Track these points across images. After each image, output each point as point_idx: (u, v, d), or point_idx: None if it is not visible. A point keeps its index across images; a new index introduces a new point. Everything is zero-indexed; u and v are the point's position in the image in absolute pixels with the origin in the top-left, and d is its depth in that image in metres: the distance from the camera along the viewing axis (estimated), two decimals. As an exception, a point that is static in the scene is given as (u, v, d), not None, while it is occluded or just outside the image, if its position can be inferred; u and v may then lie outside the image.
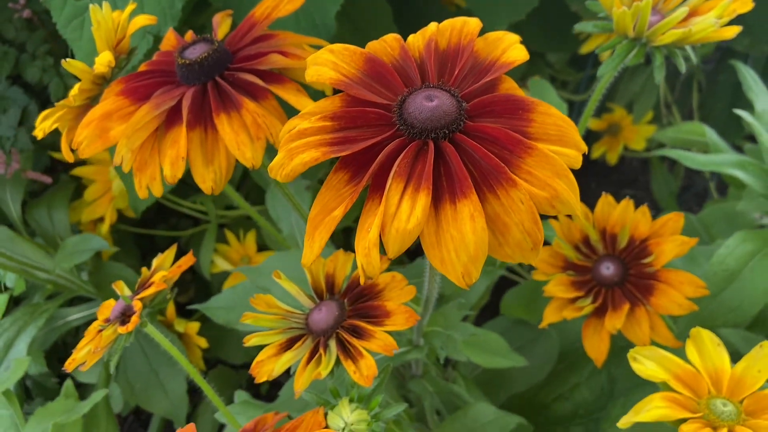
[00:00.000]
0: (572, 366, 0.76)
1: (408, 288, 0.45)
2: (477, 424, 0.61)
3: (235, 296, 0.67)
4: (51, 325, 0.90)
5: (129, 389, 0.83)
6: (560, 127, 0.30)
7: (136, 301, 0.45)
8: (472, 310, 0.71)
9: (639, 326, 0.47)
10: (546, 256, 0.52)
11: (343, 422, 0.41)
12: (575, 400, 0.74)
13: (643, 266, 0.49)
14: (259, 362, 0.44)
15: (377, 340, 0.42)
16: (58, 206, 0.86)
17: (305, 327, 0.45)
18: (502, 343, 0.57)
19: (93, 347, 0.44)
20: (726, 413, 0.39)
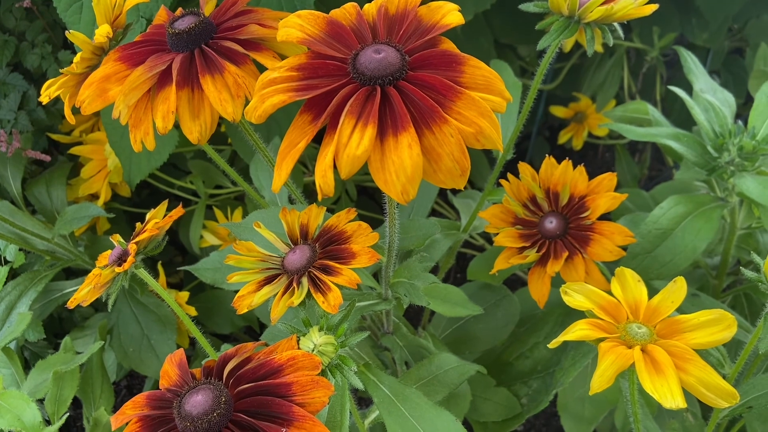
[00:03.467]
0: (532, 329, 0.82)
1: (372, 234, 0.51)
2: (440, 371, 0.68)
3: (221, 258, 0.73)
4: (48, 297, 0.96)
5: (122, 353, 0.88)
6: (487, 78, 0.37)
7: (131, 244, 0.51)
8: (438, 273, 0.77)
9: (576, 271, 0.54)
10: (497, 212, 0.59)
11: (313, 344, 0.47)
12: (534, 358, 0.80)
13: (581, 220, 0.56)
14: (240, 296, 0.50)
15: (343, 275, 0.48)
16: (56, 184, 0.92)
17: (281, 268, 0.51)
18: (462, 295, 0.64)
19: (93, 284, 0.50)
20: (640, 334, 0.45)
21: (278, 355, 0.46)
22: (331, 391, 0.45)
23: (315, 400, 0.45)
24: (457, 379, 0.67)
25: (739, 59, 1.39)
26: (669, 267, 0.61)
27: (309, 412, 0.44)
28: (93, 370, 0.84)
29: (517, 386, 0.79)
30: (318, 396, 0.45)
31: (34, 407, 0.57)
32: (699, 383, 0.42)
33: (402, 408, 0.59)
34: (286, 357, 0.46)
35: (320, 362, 0.45)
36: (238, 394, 0.44)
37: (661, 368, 0.42)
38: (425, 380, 0.67)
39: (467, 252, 1.26)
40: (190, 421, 0.41)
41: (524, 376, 0.79)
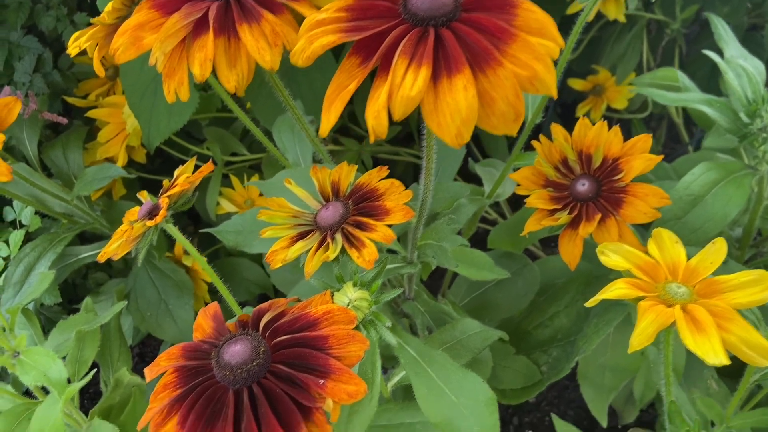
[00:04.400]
0: (552, 298, 0.82)
1: (405, 192, 0.51)
2: (464, 336, 0.67)
3: (243, 221, 0.72)
4: (63, 261, 0.95)
5: (140, 317, 0.88)
6: (542, 22, 0.36)
7: (163, 197, 0.50)
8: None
9: (608, 233, 0.53)
10: (528, 174, 0.58)
11: (348, 299, 0.47)
12: (554, 327, 0.80)
13: (614, 182, 0.55)
14: (273, 252, 0.49)
15: (378, 231, 0.48)
16: (72, 147, 0.91)
17: (314, 224, 0.51)
18: (487, 259, 0.63)
19: (125, 238, 0.50)
20: (680, 293, 0.45)
21: (313, 309, 0.46)
22: (367, 345, 0.45)
23: (351, 354, 0.45)
24: (481, 345, 0.67)
25: (757, 35, 1.37)
26: (699, 234, 0.61)
27: (344, 365, 0.44)
28: (111, 333, 0.84)
29: (537, 354, 0.79)
30: (353, 350, 0.45)
31: (60, 363, 0.56)
32: (741, 342, 0.42)
33: (428, 369, 0.59)
34: (321, 311, 0.46)
35: (355, 317, 0.45)
36: (275, 346, 0.43)
37: (702, 326, 0.42)
38: (449, 345, 0.67)
39: (480, 226, 1.25)
40: (230, 370, 0.41)
41: (543, 345, 0.79)
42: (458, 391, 0.58)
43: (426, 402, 0.58)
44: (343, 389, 0.42)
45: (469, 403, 0.58)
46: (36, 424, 0.57)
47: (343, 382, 0.43)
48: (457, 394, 0.58)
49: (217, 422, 0.41)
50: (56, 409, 0.55)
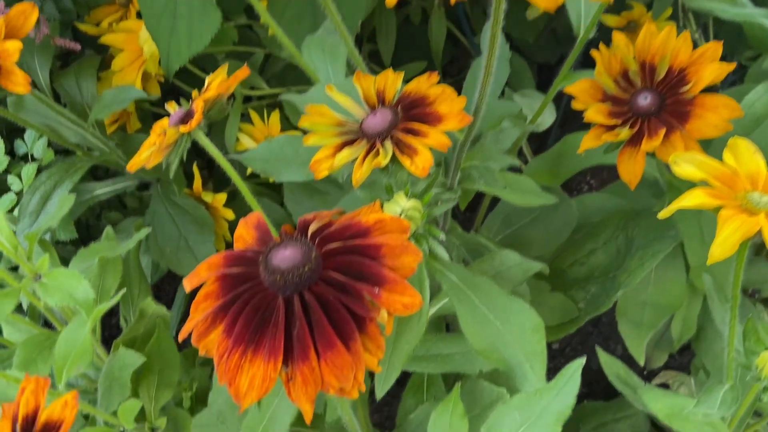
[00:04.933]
0: (588, 235, 0.79)
1: (459, 99, 0.47)
2: (504, 267, 0.64)
3: (271, 149, 0.69)
4: (78, 198, 0.92)
5: (159, 252, 0.85)
6: None
7: (198, 101, 0.47)
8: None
9: (674, 149, 0.50)
10: (586, 87, 0.54)
11: (400, 208, 0.44)
12: (591, 264, 0.77)
13: (680, 95, 0.51)
14: (317, 161, 0.46)
15: (431, 137, 0.44)
16: (86, 75, 0.86)
17: (360, 132, 0.47)
18: (533, 184, 0.60)
19: (157, 145, 0.46)
20: (763, 202, 0.42)
21: (364, 218, 0.43)
22: (420, 257, 0.42)
23: (404, 265, 0.42)
24: (521, 276, 0.64)
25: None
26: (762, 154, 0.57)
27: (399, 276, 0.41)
28: (130, 268, 0.82)
29: (573, 291, 0.76)
30: (407, 261, 0.42)
31: (86, 283, 0.54)
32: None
33: (472, 296, 0.56)
34: (373, 219, 0.42)
35: (409, 226, 0.42)
36: (325, 254, 0.40)
37: (787, 235, 0.39)
38: (488, 276, 0.64)
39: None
40: (280, 274, 0.38)
41: (580, 282, 0.77)
42: (504, 318, 0.56)
43: (470, 329, 0.55)
44: (398, 300, 0.39)
45: (515, 330, 0.55)
46: (62, 347, 0.55)
47: (398, 292, 0.40)
48: (503, 320, 0.56)
49: (267, 330, 0.38)
50: (84, 331, 0.53)
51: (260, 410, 0.47)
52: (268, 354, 0.37)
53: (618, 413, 0.88)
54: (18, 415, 0.36)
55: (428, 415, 0.62)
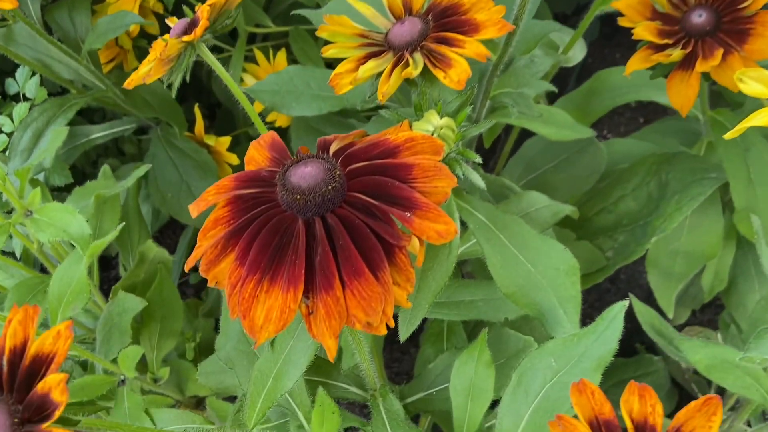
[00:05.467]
0: (617, 181, 0.74)
1: (497, 8, 0.42)
2: (531, 209, 0.60)
3: (280, 80, 0.64)
4: (73, 142, 0.87)
5: (161, 198, 0.81)
6: None
7: (203, 7, 0.41)
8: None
9: (731, 71, 0.45)
10: (634, 3, 0.49)
11: (432, 127, 0.39)
12: (619, 212, 0.73)
13: (738, 12, 0.46)
14: (338, 74, 0.41)
15: (468, 47, 0.39)
16: (79, 8, 0.80)
17: (385, 44, 0.42)
18: (568, 117, 0.55)
19: (159, 56, 0.41)
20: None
21: (392, 136, 0.38)
22: (455, 182, 0.37)
23: (437, 190, 0.37)
24: (550, 219, 0.60)
25: None
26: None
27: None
28: (130, 214, 0.77)
29: (601, 240, 0.72)
30: (441, 186, 0.37)
31: (81, 218, 0.49)
32: None
33: (501, 236, 0.52)
34: (403, 137, 0.38)
35: (443, 146, 0.37)
36: (350, 174, 0.36)
37: None
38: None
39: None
40: (300, 194, 0.33)
41: (607, 231, 0.72)
42: (535, 259, 0.51)
43: (498, 271, 0.51)
44: (432, 227, 0.35)
45: (547, 272, 0.51)
46: (56, 287, 0.51)
47: (430, 219, 0.35)
48: (534, 262, 0.51)
49: (285, 257, 0.33)
50: (80, 268, 0.49)
51: (274, 352, 0.42)
52: (286, 283, 0.33)
53: (638, 370, 0.84)
54: (4, 347, 0.31)
55: (449, 364, 0.58)
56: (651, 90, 0.64)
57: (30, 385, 0.31)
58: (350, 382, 0.55)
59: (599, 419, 0.29)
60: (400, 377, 1.01)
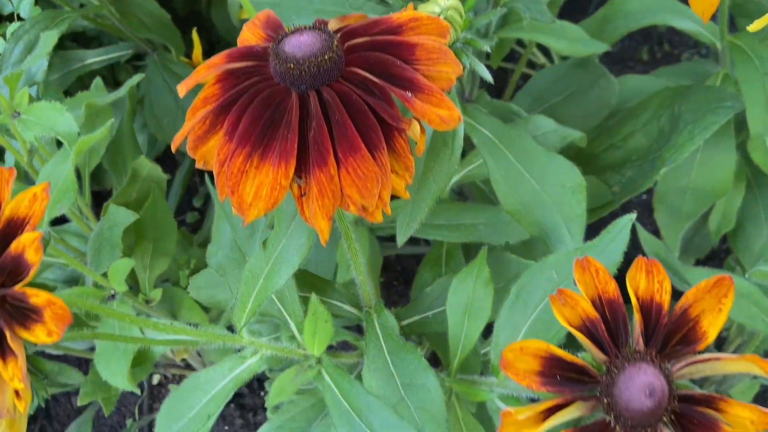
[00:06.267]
0: (628, 117, 0.72)
1: None
2: (538, 132, 0.58)
3: (280, -8, 0.61)
4: (67, 67, 0.85)
5: (156, 124, 0.79)
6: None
7: None
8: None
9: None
10: None
11: (439, 8, 0.36)
12: (628, 148, 0.70)
13: None
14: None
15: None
16: None
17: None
18: (580, 31, 0.53)
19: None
20: None
21: (395, 15, 0.36)
22: (460, 69, 0.35)
23: (441, 75, 0.35)
24: (557, 144, 0.58)
25: None
26: None
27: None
28: (123, 138, 0.75)
29: (608, 175, 0.69)
30: (445, 71, 0.35)
31: (69, 116, 0.47)
32: None
33: (507, 152, 0.50)
34: (406, 17, 0.35)
35: (449, 28, 0.35)
36: (348, 49, 0.34)
37: None
38: (520, 142, 0.58)
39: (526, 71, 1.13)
40: (294, 63, 0.31)
41: (614, 167, 0.70)
42: (541, 176, 0.49)
43: (502, 188, 0.49)
44: (434, 111, 0.33)
45: (553, 190, 0.49)
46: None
47: (433, 103, 0.33)
48: (540, 179, 0.49)
49: (277, 132, 0.31)
50: (67, 166, 0.47)
51: (266, 251, 0.41)
52: (278, 158, 0.31)
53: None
54: (-23, 211, 0.30)
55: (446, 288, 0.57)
56: (667, 14, 0.61)
57: (3, 250, 0.29)
58: (344, 299, 0.54)
59: (602, 298, 0.27)
60: (394, 305, 1.00)
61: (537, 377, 0.27)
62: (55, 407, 0.89)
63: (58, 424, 0.88)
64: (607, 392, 0.26)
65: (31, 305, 0.27)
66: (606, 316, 0.27)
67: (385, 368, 0.47)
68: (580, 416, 0.27)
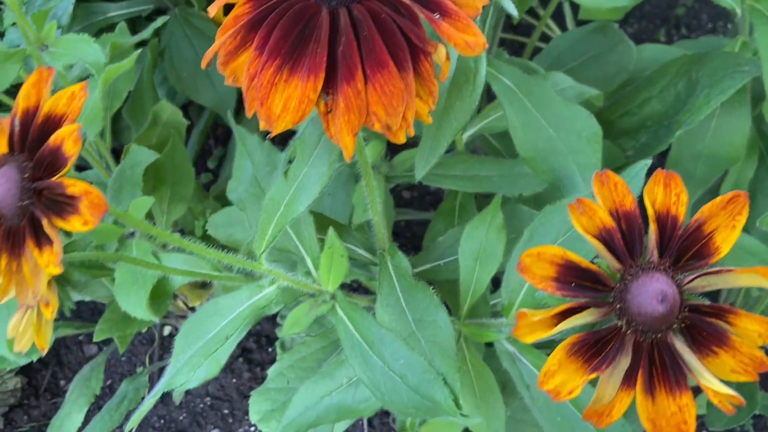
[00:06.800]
0: (643, 85, 0.72)
1: None
2: (557, 88, 0.58)
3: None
4: (89, 19, 0.85)
5: (176, 76, 0.80)
6: None
7: None
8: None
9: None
10: None
11: (468, -61, 0.37)
12: (644, 114, 0.71)
13: None
14: None
15: None
16: None
17: None
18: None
19: None
20: None
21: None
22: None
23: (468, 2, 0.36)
24: (575, 100, 0.58)
25: None
26: None
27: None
28: (144, 89, 0.76)
29: (622, 140, 0.70)
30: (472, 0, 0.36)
31: (97, 47, 0.48)
32: None
33: (525, 100, 0.50)
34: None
35: (477, -41, 0.35)
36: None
37: None
38: (538, 97, 0.58)
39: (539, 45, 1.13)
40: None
41: (629, 132, 0.71)
42: (558, 124, 0.50)
43: (520, 135, 0.50)
44: (460, 36, 0.33)
45: (569, 138, 0.50)
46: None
47: (460, 29, 0.34)
48: (557, 127, 0.50)
49: (307, 47, 0.32)
50: (95, 94, 0.48)
51: (287, 180, 0.42)
52: (307, 72, 0.32)
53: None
54: (18, 108, 0.31)
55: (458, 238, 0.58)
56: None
57: (42, 145, 0.30)
58: (359, 243, 0.55)
59: (619, 211, 0.28)
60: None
61: (552, 282, 0.28)
62: (66, 355, 0.91)
63: (69, 371, 0.90)
64: (620, 298, 0.27)
65: (69, 194, 0.28)
66: (622, 227, 0.28)
67: (397, 305, 0.48)
68: (593, 321, 0.28)
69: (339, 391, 0.52)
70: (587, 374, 0.27)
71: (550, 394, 0.27)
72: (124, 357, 0.89)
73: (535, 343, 0.43)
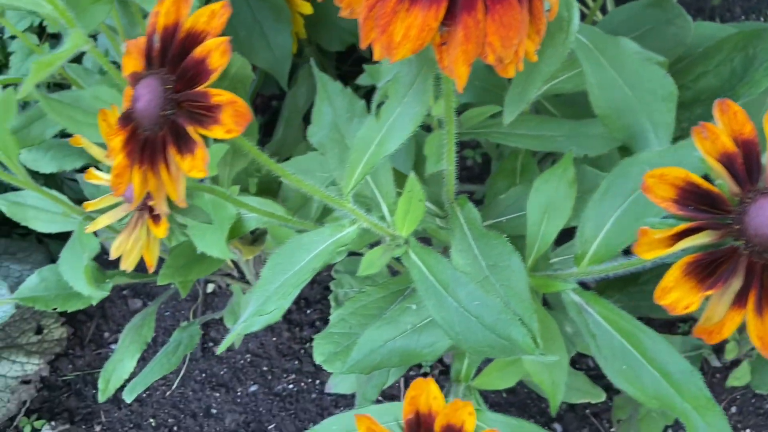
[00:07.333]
0: (698, 60, 0.73)
1: None
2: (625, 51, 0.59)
3: None
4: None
5: (233, 34, 0.80)
6: None
7: None
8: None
9: None
10: None
11: None
12: (698, 88, 0.72)
13: None
14: None
15: None
16: None
17: None
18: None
19: None
20: None
21: None
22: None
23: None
24: (640, 66, 0.59)
25: None
26: None
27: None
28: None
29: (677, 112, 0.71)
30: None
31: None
32: None
33: (601, 57, 0.51)
34: None
35: None
36: None
37: None
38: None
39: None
40: None
41: (684, 105, 0.71)
42: (634, 83, 0.51)
43: (595, 92, 0.51)
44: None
45: (644, 97, 0.51)
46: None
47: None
48: (632, 85, 0.51)
49: (429, -23, 0.33)
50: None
51: (379, 120, 0.43)
52: (429, 1, 0.33)
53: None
54: (158, 25, 0.32)
55: (520, 196, 0.59)
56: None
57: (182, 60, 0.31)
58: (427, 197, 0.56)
59: (738, 139, 0.29)
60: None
61: (673, 204, 0.29)
62: (110, 308, 0.93)
63: (114, 323, 0.92)
64: (738, 220, 0.29)
65: (213, 104, 0.30)
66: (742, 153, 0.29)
67: (469, 251, 0.49)
68: (710, 242, 0.29)
69: (403, 336, 0.53)
70: (703, 291, 0.28)
71: (667, 308, 0.28)
72: (168, 312, 0.91)
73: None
